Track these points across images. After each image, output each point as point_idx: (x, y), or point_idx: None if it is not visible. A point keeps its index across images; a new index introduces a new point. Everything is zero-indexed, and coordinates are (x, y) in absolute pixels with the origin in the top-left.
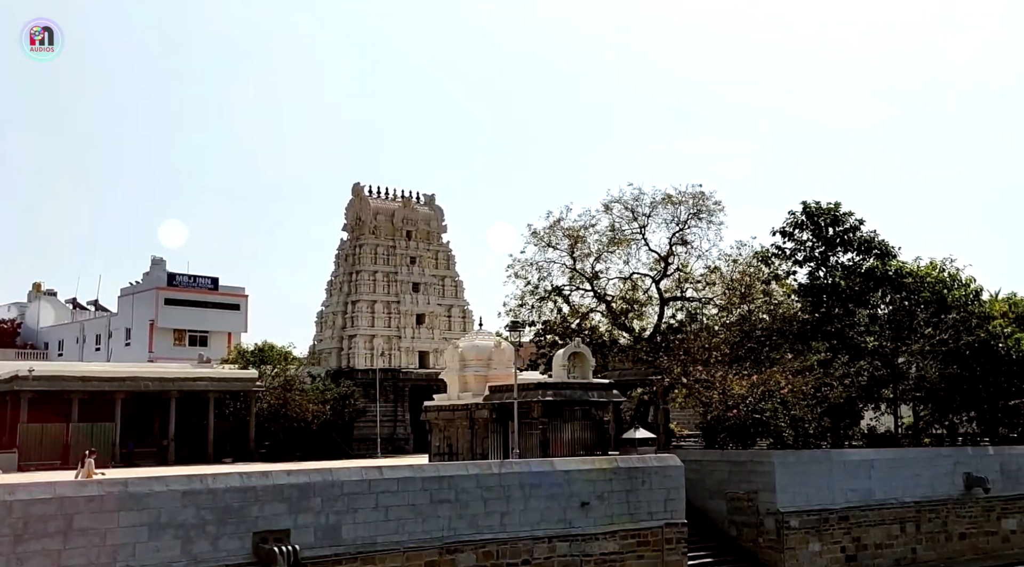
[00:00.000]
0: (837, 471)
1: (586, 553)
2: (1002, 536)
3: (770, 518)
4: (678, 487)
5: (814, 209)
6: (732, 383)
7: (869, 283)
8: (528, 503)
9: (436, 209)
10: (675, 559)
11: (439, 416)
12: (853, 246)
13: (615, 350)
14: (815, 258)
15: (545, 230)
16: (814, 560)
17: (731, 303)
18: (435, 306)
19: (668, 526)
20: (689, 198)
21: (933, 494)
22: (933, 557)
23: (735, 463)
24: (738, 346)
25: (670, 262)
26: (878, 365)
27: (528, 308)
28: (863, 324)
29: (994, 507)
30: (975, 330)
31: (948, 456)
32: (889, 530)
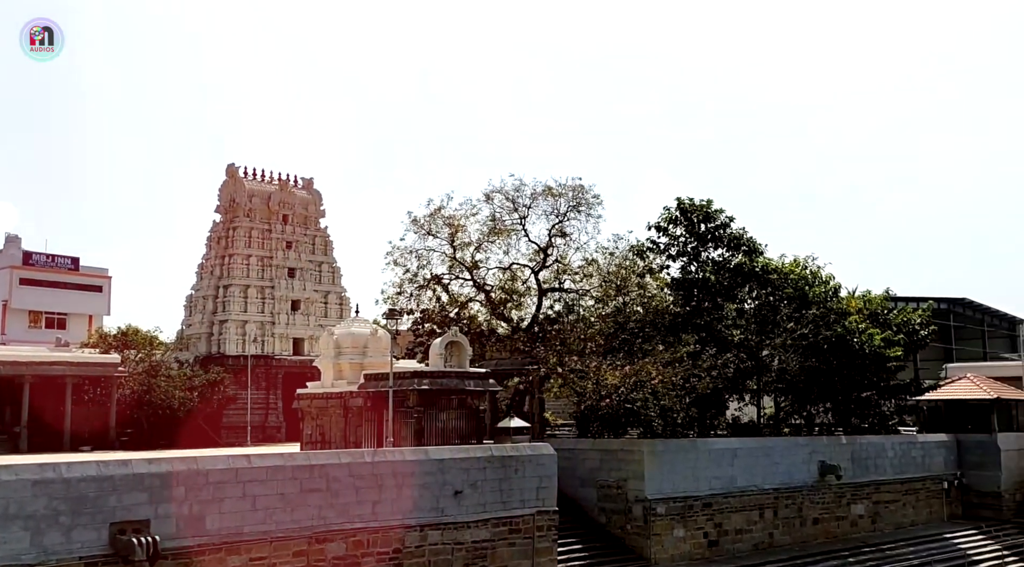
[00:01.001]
0: (703, 460)
1: (458, 541)
2: (851, 520)
3: (638, 505)
4: (550, 475)
5: (688, 206)
6: (606, 373)
7: (737, 278)
8: (401, 492)
9: (315, 193)
10: (545, 546)
11: (312, 404)
12: (723, 242)
13: (493, 340)
14: (688, 253)
15: (425, 218)
16: (678, 545)
17: (607, 295)
18: (311, 292)
19: (540, 514)
20: (569, 191)
21: (790, 481)
22: (788, 541)
23: (606, 452)
24: (612, 337)
25: (549, 253)
26: (743, 357)
27: (407, 296)
28: (731, 318)
29: (845, 493)
30: (833, 326)
31: (805, 445)
32: (749, 516)
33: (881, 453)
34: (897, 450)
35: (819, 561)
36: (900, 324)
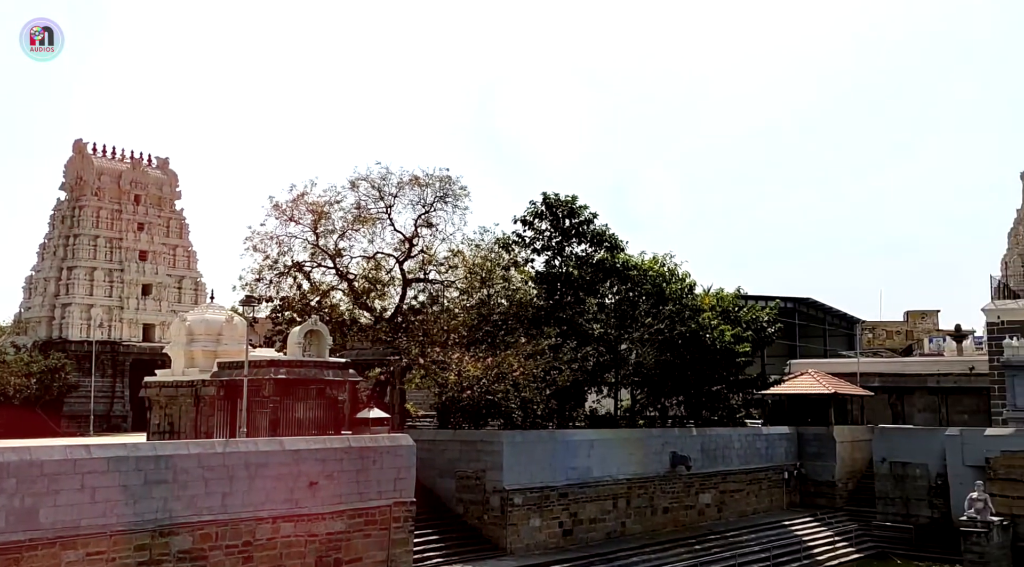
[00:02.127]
0: (560, 451)
1: (312, 533)
2: (698, 509)
3: (496, 496)
4: (409, 466)
5: (553, 201)
6: (468, 365)
7: (599, 274)
8: (253, 483)
9: (170, 173)
10: (401, 537)
11: (161, 393)
12: (587, 238)
13: (355, 329)
14: (552, 247)
15: (288, 204)
16: (533, 535)
17: (472, 287)
18: (164, 276)
19: (396, 504)
20: (436, 181)
21: (643, 472)
22: (640, 530)
23: (466, 443)
24: (476, 329)
25: (415, 244)
26: (603, 351)
27: (266, 283)
28: (592, 312)
29: (694, 483)
30: (688, 321)
31: (658, 437)
32: (603, 505)
33: (729, 445)
34: (743, 442)
35: (667, 548)
36: (749, 321)
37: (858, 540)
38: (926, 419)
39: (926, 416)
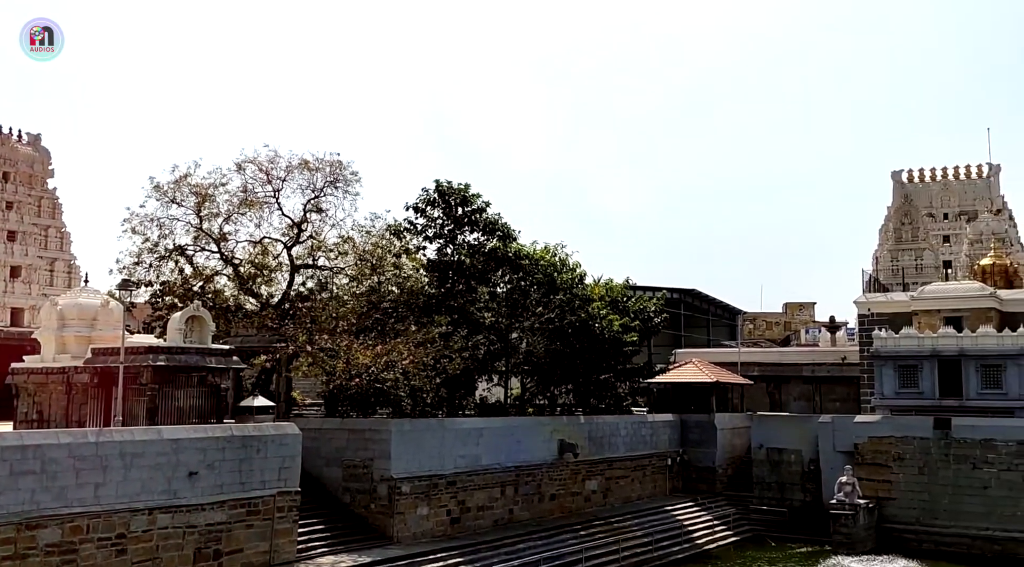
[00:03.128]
0: (449, 439)
1: (191, 524)
2: (585, 496)
3: (383, 484)
4: (294, 455)
5: (446, 189)
6: (357, 353)
7: (491, 262)
8: (128, 473)
9: (42, 151)
10: (285, 527)
11: (29, 380)
12: (479, 226)
13: (240, 316)
14: (444, 235)
15: (170, 185)
16: (421, 523)
17: (362, 274)
18: (34, 258)
19: (281, 494)
20: (326, 165)
21: (532, 459)
22: (527, 516)
23: (354, 431)
24: (365, 316)
25: (304, 229)
26: (494, 339)
27: (145, 267)
28: (483, 301)
29: (581, 470)
30: (577, 311)
31: (547, 424)
32: (491, 493)
33: (615, 432)
34: (629, 429)
35: (554, 535)
36: (637, 311)
37: (736, 524)
38: (801, 407)
39: (801, 404)
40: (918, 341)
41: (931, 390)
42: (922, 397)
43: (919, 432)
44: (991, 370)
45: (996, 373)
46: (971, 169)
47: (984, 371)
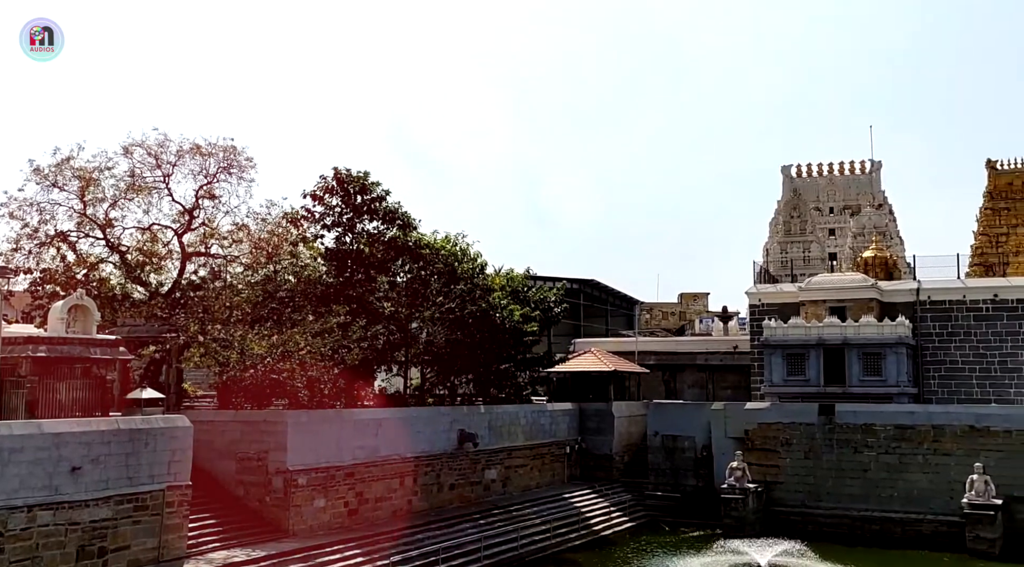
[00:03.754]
0: (348, 430)
1: (73, 521)
2: (484, 485)
3: (279, 477)
4: (184, 448)
5: (345, 176)
6: (252, 343)
7: (391, 252)
8: (5, 469)
9: None
10: (175, 523)
11: None
12: (379, 215)
13: (127, 305)
14: (343, 224)
15: (51, 168)
16: (317, 515)
17: (257, 262)
18: None
19: (171, 489)
20: (220, 151)
21: (431, 449)
22: (426, 507)
23: (248, 423)
24: (261, 306)
25: (196, 216)
26: (393, 330)
27: (24, 253)
28: (383, 290)
29: (480, 460)
30: (478, 301)
31: (446, 414)
32: (390, 484)
33: (515, 421)
34: (529, 418)
35: (453, 524)
36: (538, 301)
37: (631, 510)
38: (695, 394)
39: (695, 392)
40: (805, 330)
41: (817, 377)
42: (808, 384)
43: (805, 418)
44: (872, 358)
45: (876, 361)
46: (855, 165)
47: (865, 359)
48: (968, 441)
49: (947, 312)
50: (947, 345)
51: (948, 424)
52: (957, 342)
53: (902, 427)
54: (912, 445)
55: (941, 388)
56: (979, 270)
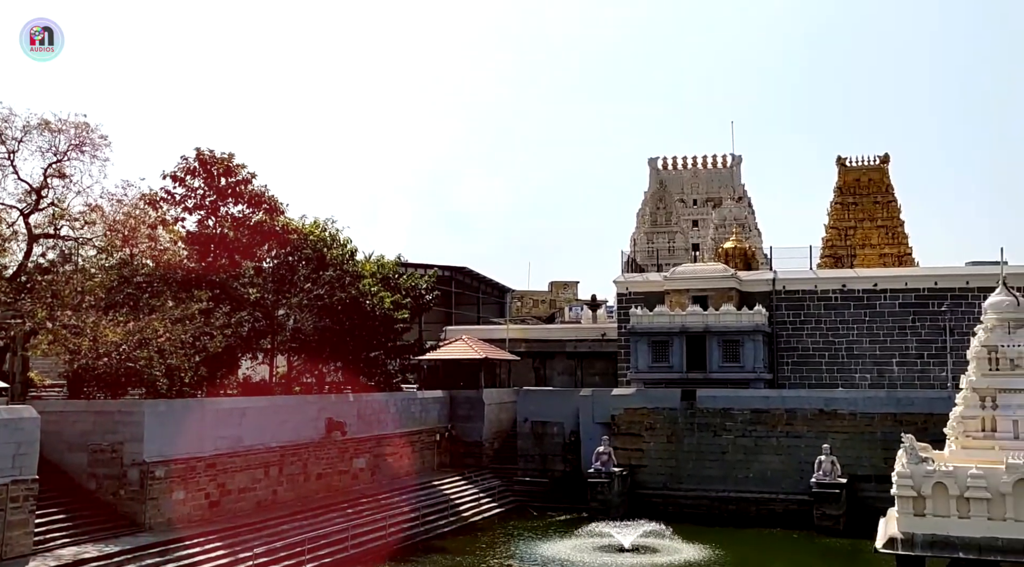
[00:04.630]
0: (210, 419)
1: None
2: (353, 474)
3: (135, 469)
4: (31, 441)
5: (208, 157)
6: (106, 330)
7: (257, 236)
8: None
9: None
10: (20, 518)
11: None
12: (244, 198)
13: None
14: (206, 207)
15: None
16: (176, 508)
17: (112, 245)
18: None
19: (15, 483)
20: (71, 127)
21: (298, 438)
22: (292, 497)
23: (102, 414)
24: (116, 291)
25: (44, 195)
26: (259, 316)
27: None
28: (248, 276)
29: (349, 448)
30: (348, 287)
31: (314, 403)
32: (254, 474)
33: (385, 409)
34: (399, 406)
35: (319, 514)
36: (409, 288)
37: (500, 496)
38: (564, 381)
39: (564, 378)
40: (669, 318)
41: (680, 364)
42: (672, 370)
43: (668, 403)
44: (731, 345)
45: (735, 348)
46: (717, 159)
47: (725, 346)
48: (817, 424)
49: (800, 301)
50: (800, 333)
51: (800, 408)
52: (809, 330)
53: (758, 411)
54: (767, 428)
55: (794, 373)
56: (829, 261)
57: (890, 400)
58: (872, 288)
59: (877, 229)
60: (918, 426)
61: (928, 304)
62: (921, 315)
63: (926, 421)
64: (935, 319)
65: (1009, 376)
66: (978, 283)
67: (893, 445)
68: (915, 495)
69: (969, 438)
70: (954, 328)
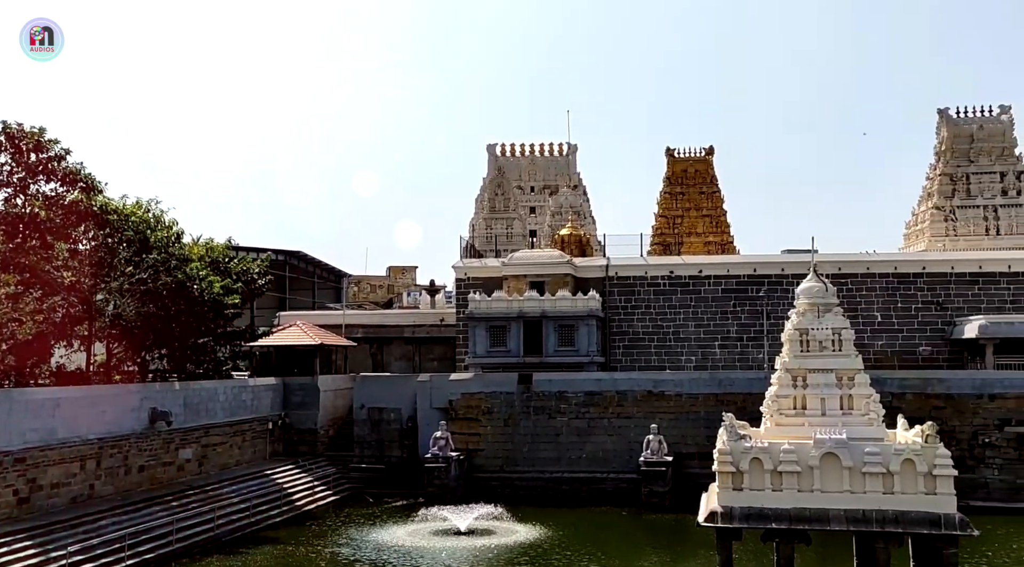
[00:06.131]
0: (18, 411)
1: None
2: (178, 465)
3: None
4: None
5: (16, 131)
6: None
7: (72, 217)
8: None
9: None
10: None
11: None
12: (57, 176)
13: None
14: (14, 184)
15: None
16: None
17: None
18: None
19: None
20: None
21: (118, 430)
22: (111, 491)
23: None
24: None
25: None
26: (75, 301)
27: None
28: (62, 259)
29: (174, 439)
30: (174, 271)
31: (136, 392)
32: (69, 468)
33: (213, 398)
34: (229, 394)
35: (141, 508)
36: (240, 273)
37: (336, 483)
38: (402, 367)
39: (402, 364)
40: (507, 304)
41: (517, 348)
42: (509, 355)
43: (505, 387)
44: (566, 330)
45: (570, 332)
46: (554, 147)
47: (560, 331)
48: (646, 405)
49: (631, 287)
50: (631, 317)
51: (630, 390)
52: (639, 314)
53: (591, 393)
54: (599, 410)
55: (625, 357)
56: (659, 249)
57: (713, 381)
58: (697, 275)
59: (703, 218)
60: (738, 405)
61: (748, 290)
62: (741, 300)
63: (745, 401)
64: (754, 304)
65: (818, 357)
66: (792, 270)
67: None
68: (734, 471)
69: (782, 416)
70: (770, 312)
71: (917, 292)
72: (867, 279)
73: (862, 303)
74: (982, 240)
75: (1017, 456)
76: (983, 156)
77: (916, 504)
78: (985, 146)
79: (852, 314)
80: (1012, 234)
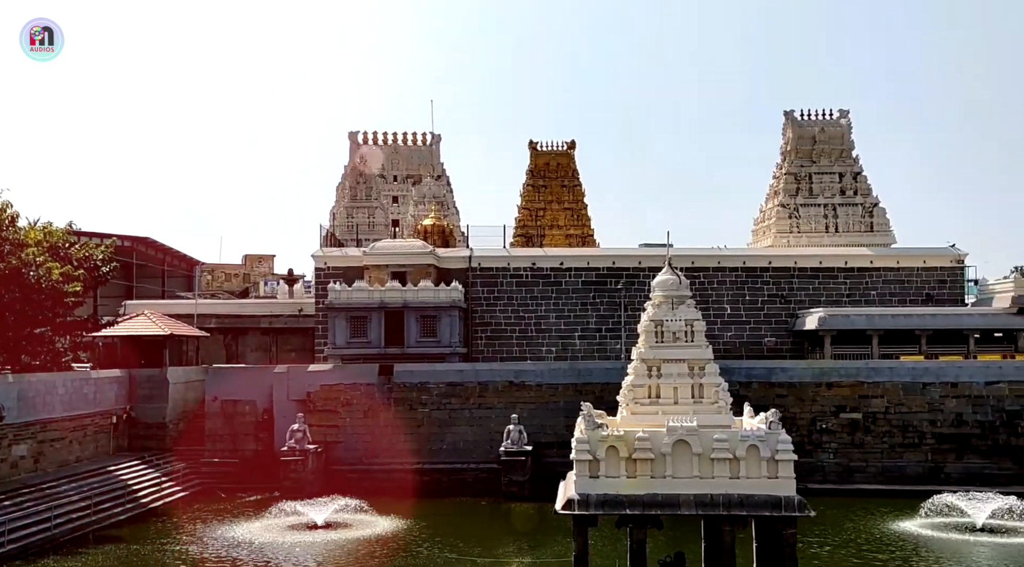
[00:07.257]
0: None
1: None
2: (11, 463)
3: None
4: None
5: None
6: None
7: None
8: None
9: None
10: None
11: None
12: None
13: None
14: None
15: None
16: None
17: None
18: None
19: None
20: None
21: None
22: None
23: None
24: None
25: None
26: None
27: None
28: None
29: (7, 435)
30: (8, 257)
31: None
32: None
33: (51, 391)
34: (69, 387)
35: None
36: (82, 259)
37: (185, 479)
38: (258, 358)
39: (259, 355)
40: (368, 294)
41: (378, 339)
42: (370, 346)
43: (365, 378)
44: (428, 320)
45: (432, 323)
46: (417, 136)
47: (423, 321)
48: (507, 395)
49: (494, 278)
50: (493, 308)
51: (492, 380)
52: (502, 306)
53: (453, 384)
54: (460, 401)
55: (488, 347)
56: (521, 240)
57: (572, 371)
58: (559, 267)
59: (564, 211)
60: (596, 395)
61: (607, 282)
62: (600, 292)
63: (603, 390)
64: (612, 296)
65: (671, 347)
66: (649, 263)
67: (574, 414)
68: (591, 459)
69: (638, 405)
70: (628, 304)
71: (763, 286)
72: (718, 273)
73: (713, 296)
74: (822, 237)
75: (850, 440)
76: (824, 157)
77: (760, 488)
78: (826, 148)
79: (704, 306)
80: (849, 232)
